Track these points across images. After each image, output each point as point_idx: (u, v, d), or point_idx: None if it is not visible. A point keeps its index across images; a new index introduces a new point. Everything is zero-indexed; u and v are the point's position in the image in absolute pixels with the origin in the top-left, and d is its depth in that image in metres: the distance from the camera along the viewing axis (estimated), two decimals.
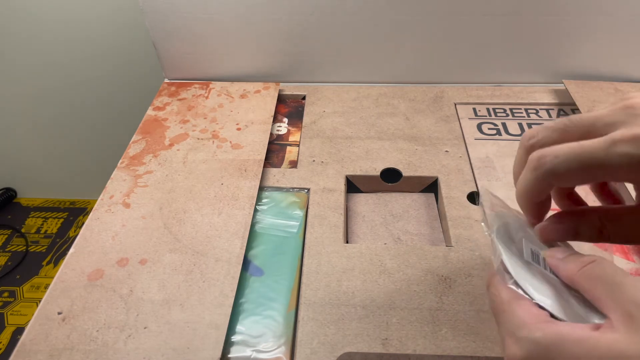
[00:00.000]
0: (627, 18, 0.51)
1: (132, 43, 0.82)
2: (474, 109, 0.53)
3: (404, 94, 0.56)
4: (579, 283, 0.20)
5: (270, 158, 0.48)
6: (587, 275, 0.20)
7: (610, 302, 0.18)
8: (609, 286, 0.19)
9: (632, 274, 0.35)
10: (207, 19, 0.54)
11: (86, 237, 0.39)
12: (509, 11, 0.52)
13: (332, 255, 0.37)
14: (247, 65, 0.58)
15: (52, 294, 0.34)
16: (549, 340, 0.18)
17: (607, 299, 0.19)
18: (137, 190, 0.43)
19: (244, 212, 0.40)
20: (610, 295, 0.19)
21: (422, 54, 0.56)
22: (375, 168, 0.46)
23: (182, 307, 0.33)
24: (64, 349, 0.31)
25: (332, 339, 0.32)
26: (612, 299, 0.18)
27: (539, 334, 0.19)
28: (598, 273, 0.20)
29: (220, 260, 0.36)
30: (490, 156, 0.47)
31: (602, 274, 0.20)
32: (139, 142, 0.49)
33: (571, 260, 0.21)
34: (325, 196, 0.43)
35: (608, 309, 0.18)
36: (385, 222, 0.43)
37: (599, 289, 0.19)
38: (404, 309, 0.33)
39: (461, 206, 0.41)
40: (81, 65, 0.88)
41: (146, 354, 0.31)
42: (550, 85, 0.57)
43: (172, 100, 0.55)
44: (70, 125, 1.00)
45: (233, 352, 0.31)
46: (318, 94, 0.57)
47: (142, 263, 0.36)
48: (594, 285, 0.20)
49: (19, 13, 0.80)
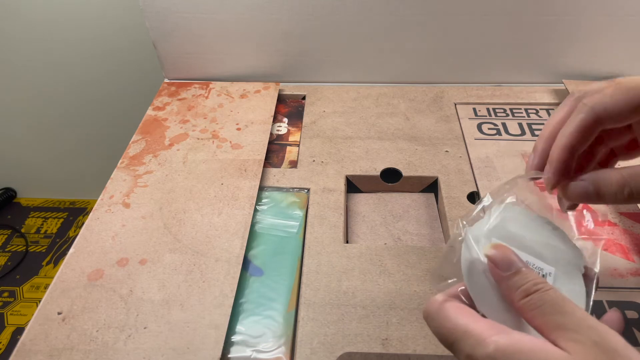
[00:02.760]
0: (627, 18, 0.52)
1: (132, 43, 0.82)
2: (474, 109, 0.53)
3: (404, 94, 0.56)
4: (521, 312, 0.21)
5: (270, 158, 0.48)
6: (526, 308, 0.20)
7: (556, 331, 0.19)
8: (551, 317, 0.19)
9: (631, 274, 0.35)
10: (207, 19, 0.54)
11: (86, 237, 0.39)
12: (509, 11, 0.52)
13: (332, 255, 0.37)
14: (247, 65, 0.58)
15: (52, 294, 0.34)
16: (501, 351, 0.18)
17: (552, 330, 0.19)
18: (137, 190, 0.43)
19: (244, 212, 0.40)
20: (554, 325, 0.19)
21: (422, 54, 0.56)
22: (375, 168, 0.46)
23: (182, 307, 0.33)
24: (64, 349, 0.31)
25: (332, 339, 0.32)
26: (557, 328, 0.19)
27: (491, 347, 0.19)
28: (538, 305, 0.20)
29: (220, 260, 0.36)
30: (490, 156, 0.47)
31: (541, 305, 0.20)
32: (139, 142, 0.49)
33: (512, 285, 0.21)
34: (325, 196, 0.43)
35: (555, 338, 0.19)
36: (385, 222, 0.43)
37: (540, 320, 0.20)
38: (404, 309, 0.33)
39: (461, 206, 0.41)
40: (81, 65, 0.88)
41: (146, 354, 0.31)
42: (550, 85, 0.57)
43: (172, 100, 0.55)
44: (70, 125, 1.00)
45: (233, 352, 0.31)
46: (318, 94, 0.57)
47: (142, 263, 0.36)
48: (533, 317, 0.20)
49: (19, 13, 0.80)
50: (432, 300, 0.22)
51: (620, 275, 0.35)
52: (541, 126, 0.51)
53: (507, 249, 0.22)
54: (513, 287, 0.21)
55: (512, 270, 0.21)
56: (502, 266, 0.22)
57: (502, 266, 0.22)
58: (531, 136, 0.49)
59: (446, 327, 0.21)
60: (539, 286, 0.20)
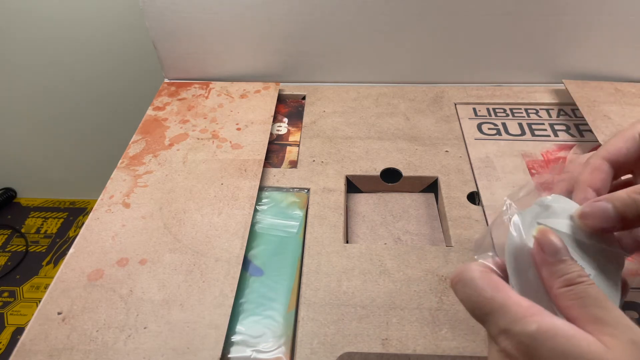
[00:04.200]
0: (627, 18, 0.52)
1: (132, 43, 0.82)
2: (474, 109, 0.53)
3: (404, 94, 0.56)
4: (557, 300, 0.21)
5: (270, 158, 0.48)
6: (565, 297, 0.20)
7: (592, 324, 0.19)
8: (590, 309, 0.19)
9: (632, 274, 0.35)
10: (207, 19, 0.54)
11: (86, 237, 0.39)
12: (509, 11, 0.52)
13: (332, 255, 0.37)
14: (247, 65, 0.58)
15: (52, 294, 0.34)
16: (542, 332, 0.18)
17: (589, 322, 0.19)
18: (137, 190, 0.43)
19: (243, 212, 0.40)
20: (592, 319, 0.19)
21: (422, 54, 0.56)
22: (375, 168, 0.46)
23: (182, 307, 0.33)
24: (64, 349, 0.31)
25: (332, 339, 0.32)
26: (594, 322, 0.19)
27: (534, 326, 0.19)
28: (580, 296, 0.20)
29: (220, 260, 0.36)
30: (490, 156, 0.47)
31: (583, 297, 0.20)
32: (139, 142, 0.49)
33: (555, 272, 0.21)
34: (325, 196, 0.43)
35: (591, 330, 0.19)
36: (385, 222, 0.43)
37: (577, 311, 0.20)
38: (404, 309, 0.33)
39: (461, 206, 0.41)
40: (81, 65, 0.88)
41: (146, 354, 0.31)
42: (550, 85, 0.57)
43: (172, 100, 0.55)
44: (70, 125, 1.00)
45: (233, 352, 0.31)
46: (318, 94, 0.57)
47: (142, 263, 0.36)
48: (571, 306, 0.20)
49: (19, 13, 0.80)
50: (466, 267, 0.22)
51: None
52: (541, 126, 0.51)
53: (557, 236, 0.22)
54: (555, 274, 0.21)
55: (558, 258, 0.21)
56: (548, 251, 0.22)
57: (549, 251, 0.22)
58: (531, 136, 0.49)
59: (483, 296, 0.21)
60: (583, 279, 0.20)
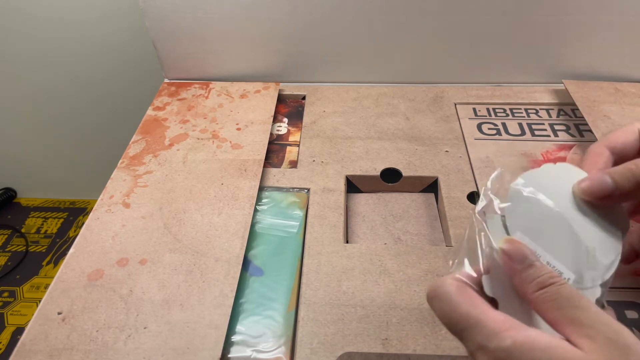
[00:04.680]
0: (627, 18, 0.51)
1: (132, 43, 0.82)
2: (474, 109, 0.53)
3: (404, 94, 0.56)
4: (534, 305, 0.21)
5: (270, 158, 0.48)
6: (540, 300, 0.20)
7: (569, 326, 0.19)
8: (566, 311, 0.19)
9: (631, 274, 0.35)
10: (207, 19, 0.54)
11: (86, 237, 0.39)
12: (509, 11, 0.52)
13: (332, 255, 0.37)
14: (247, 65, 0.58)
15: (52, 294, 0.34)
16: (518, 346, 0.18)
17: (566, 324, 0.19)
18: (137, 190, 0.43)
19: (243, 212, 0.40)
20: (569, 320, 0.19)
21: (422, 54, 0.56)
22: (375, 168, 0.46)
23: (182, 307, 0.33)
24: (64, 349, 0.31)
25: (332, 339, 0.32)
26: (571, 323, 0.19)
27: (508, 341, 0.19)
28: (553, 297, 0.20)
29: (220, 260, 0.36)
30: (490, 156, 0.47)
31: (556, 298, 0.20)
32: (139, 142, 0.49)
33: (527, 278, 0.21)
34: (325, 196, 0.43)
35: (569, 333, 0.19)
36: (385, 222, 0.43)
37: (554, 313, 0.20)
38: (404, 309, 0.33)
39: (461, 206, 0.41)
40: (81, 65, 0.88)
41: (146, 354, 0.31)
42: (550, 85, 0.57)
43: (172, 100, 0.55)
44: (70, 125, 1.00)
45: (233, 352, 0.31)
46: (318, 94, 0.57)
47: (142, 263, 0.36)
48: (547, 309, 0.20)
49: (19, 13, 0.80)
50: (442, 281, 0.22)
51: (620, 275, 0.35)
52: (541, 126, 0.51)
53: (520, 244, 0.22)
54: (527, 280, 0.21)
55: (527, 263, 0.21)
56: (516, 259, 0.22)
57: (517, 259, 0.22)
58: (531, 136, 0.49)
59: (458, 312, 0.21)
60: (554, 279, 0.20)
